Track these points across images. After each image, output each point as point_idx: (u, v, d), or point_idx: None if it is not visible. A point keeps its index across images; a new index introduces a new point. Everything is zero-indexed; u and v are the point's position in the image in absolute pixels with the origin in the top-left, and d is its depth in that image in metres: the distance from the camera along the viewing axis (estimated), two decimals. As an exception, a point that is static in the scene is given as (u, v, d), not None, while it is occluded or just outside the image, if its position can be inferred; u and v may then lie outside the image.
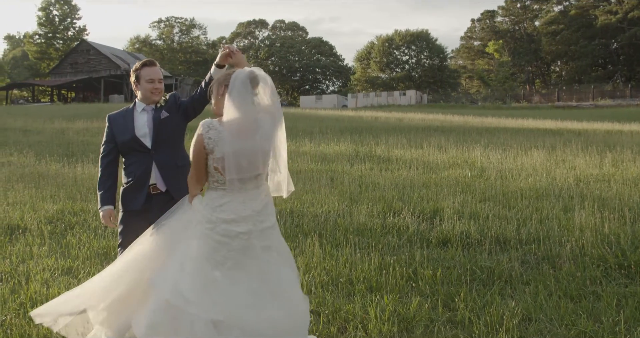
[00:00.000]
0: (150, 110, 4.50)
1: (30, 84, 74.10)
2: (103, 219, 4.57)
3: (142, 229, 4.42)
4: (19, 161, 14.19)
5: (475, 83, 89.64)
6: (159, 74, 4.50)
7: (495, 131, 21.07)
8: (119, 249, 4.57)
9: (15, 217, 8.09)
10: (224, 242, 3.67)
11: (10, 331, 4.38)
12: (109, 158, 4.60)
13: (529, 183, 9.73)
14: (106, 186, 4.57)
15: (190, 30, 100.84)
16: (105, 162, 4.60)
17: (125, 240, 4.50)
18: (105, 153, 4.61)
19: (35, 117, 29.15)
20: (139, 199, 4.43)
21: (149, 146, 4.43)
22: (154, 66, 4.51)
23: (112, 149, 4.58)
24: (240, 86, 3.64)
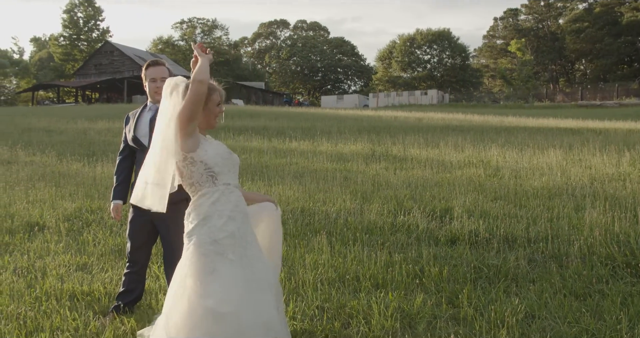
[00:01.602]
0: (155, 110, 4.63)
1: (55, 85, 75.07)
2: (112, 211, 4.83)
3: (143, 224, 4.61)
4: (41, 160, 14.45)
5: (498, 82, 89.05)
6: (161, 74, 4.64)
7: (513, 131, 20.96)
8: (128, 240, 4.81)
9: (35, 215, 8.29)
10: None
11: (24, 323, 4.52)
12: (124, 154, 4.86)
13: (542, 182, 9.70)
14: (119, 180, 4.83)
15: (212, 31, 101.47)
16: (120, 158, 4.88)
17: (129, 231, 4.77)
18: (121, 150, 4.89)
19: (59, 118, 29.58)
20: None
21: (146, 144, 4.56)
22: (158, 66, 4.66)
23: (126, 146, 4.83)
24: None
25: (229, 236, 3.62)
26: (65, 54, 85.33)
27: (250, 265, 3.65)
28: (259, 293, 3.59)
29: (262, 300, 3.58)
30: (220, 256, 3.59)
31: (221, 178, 3.71)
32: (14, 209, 8.66)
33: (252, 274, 3.63)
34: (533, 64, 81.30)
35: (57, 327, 4.47)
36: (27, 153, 15.93)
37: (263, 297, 3.60)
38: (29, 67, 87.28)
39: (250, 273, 3.62)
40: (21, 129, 23.79)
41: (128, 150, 4.84)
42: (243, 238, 3.68)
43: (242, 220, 3.72)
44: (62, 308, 4.81)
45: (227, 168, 3.73)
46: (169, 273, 4.63)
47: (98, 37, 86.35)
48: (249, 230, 3.75)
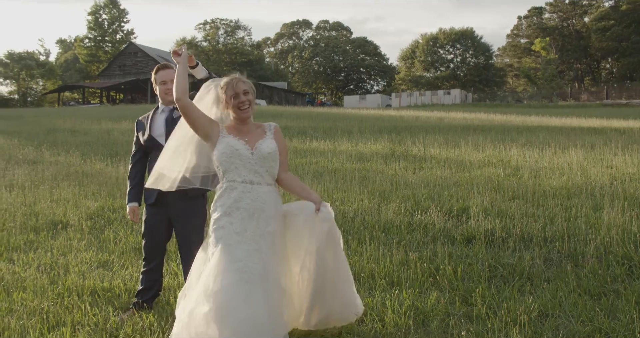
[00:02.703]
0: (168, 110, 4.79)
1: (80, 86, 76.02)
2: (128, 215, 4.96)
3: (160, 221, 4.74)
4: (66, 160, 14.69)
5: (522, 81, 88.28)
6: (171, 76, 4.76)
7: (535, 130, 20.80)
8: (143, 238, 4.94)
9: (59, 213, 8.47)
10: None
11: (47, 318, 4.66)
12: (136, 157, 4.99)
13: (561, 182, 9.66)
14: (133, 183, 4.96)
15: (235, 32, 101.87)
16: (133, 161, 5.01)
17: (146, 230, 4.89)
18: (133, 153, 5.01)
19: (84, 119, 29.98)
20: (154, 194, 4.70)
21: (163, 144, 4.66)
22: (168, 69, 4.83)
23: (138, 149, 4.97)
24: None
25: (219, 229, 3.92)
26: (90, 55, 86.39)
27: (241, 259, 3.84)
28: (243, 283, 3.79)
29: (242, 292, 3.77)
30: (214, 247, 3.90)
31: (227, 175, 3.97)
32: (39, 207, 8.85)
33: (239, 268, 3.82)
34: (557, 63, 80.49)
35: (78, 322, 4.60)
36: (52, 153, 16.20)
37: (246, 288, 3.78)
38: (55, 69, 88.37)
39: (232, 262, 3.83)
40: (47, 130, 24.16)
41: (140, 154, 4.98)
42: (239, 232, 3.89)
43: (242, 216, 3.90)
44: (83, 303, 4.95)
45: (234, 165, 3.92)
46: (186, 268, 4.74)
47: (122, 39, 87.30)
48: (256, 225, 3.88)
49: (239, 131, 4.04)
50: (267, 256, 3.90)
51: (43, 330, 4.42)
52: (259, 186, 3.95)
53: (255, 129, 4.10)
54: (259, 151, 3.96)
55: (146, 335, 4.34)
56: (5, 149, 17.42)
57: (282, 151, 4.11)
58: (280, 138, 4.14)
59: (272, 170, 4.02)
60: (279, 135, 4.15)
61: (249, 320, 3.70)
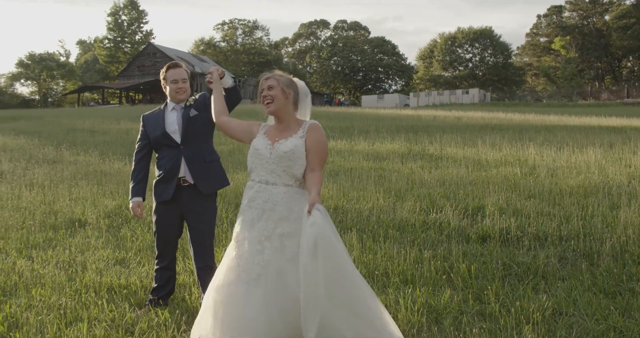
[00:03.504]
0: (180, 108, 4.85)
1: (100, 86, 76.69)
2: (132, 210, 4.93)
3: (173, 218, 4.80)
4: (85, 159, 14.85)
5: (541, 81, 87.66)
6: (182, 75, 4.85)
7: (554, 129, 20.66)
8: (155, 236, 4.98)
9: (77, 212, 8.57)
10: None
11: (65, 314, 4.74)
12: (142, 153, 5.00)
13: (579, 181, 9.60)
14: (137, 179, 4.96)
15: (253, 32, 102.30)
16: (138, 157, 5.01)
17: (158, 228, 4.93)
18: (139, 149, 5.01)
19: (103, 119, 30.26)
20: (169, 190, 4.76)
21: (178, 141, 4.75)
22: (178, 68, 4.87)
23: (145, 145, 4.97)
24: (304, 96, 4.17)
25: (236, 225, 4.05)
26: (110, 56, 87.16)
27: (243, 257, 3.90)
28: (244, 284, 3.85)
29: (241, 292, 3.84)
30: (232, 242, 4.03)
31: (251, 174, 4.05)
32: (58, 206, 8.97)
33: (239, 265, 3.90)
34: (577, 61, 79.83)
35: (95, 318, 4.67)
36: (72, 152, 16.38)
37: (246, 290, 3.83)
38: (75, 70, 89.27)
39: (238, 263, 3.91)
40: (66, 130, 24.43)
41: (146, 150, 4.99)
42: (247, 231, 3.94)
43: (252, 216, 3.93)
44: (100, 300, 5.02)
45: (254, 165, 3.99)
46: (198, 263, 4.80)
47: (141, 39, 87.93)
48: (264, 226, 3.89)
49: (275, 129, 4.05)
50: (272, 259, 3.81)
51: (61, 326, 4.49)
52: (274, 186, 3.90)
53: (293, 128, 4.01)
54: (277, 150, 3.91)
55: (161, 331, 4.39)
56: (25, 149, 17.66)
57: (312, 150, 3.92)
58: (314, 136, 3.95)
59: (290, 170, 3.89)
60: (312, 133, 3.95)
61: (243, 319, 3.73)
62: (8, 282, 5.56)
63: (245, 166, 4.50)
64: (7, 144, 19.17)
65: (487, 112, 34.48)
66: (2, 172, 12.65)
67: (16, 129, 25.70)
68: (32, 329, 4.43)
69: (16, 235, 7.33)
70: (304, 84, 4.20)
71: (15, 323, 4.59)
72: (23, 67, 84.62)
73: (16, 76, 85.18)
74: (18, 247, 6.83)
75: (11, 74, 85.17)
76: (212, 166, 4.85)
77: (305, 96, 4.16)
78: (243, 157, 14.28)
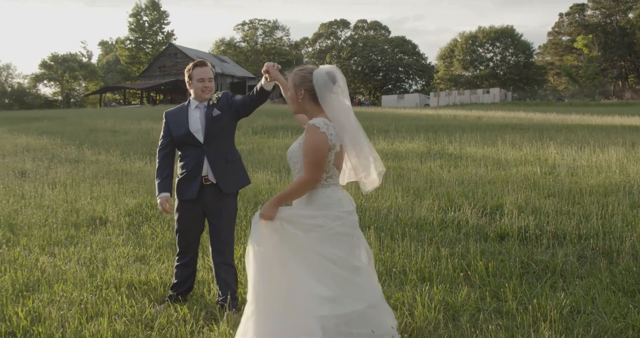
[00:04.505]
0: (203, 107, 4.85)
1: (121, 87, 77.37)
2: (160, 205, 4.93)
3: (196, 216, 4.84)
4: (106, 159, 15.02)
5: (563, 80, 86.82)
6: (209, 74, 4.84)
7: (575, 128, 20.49)
8: (177, 234, 5.02)
9: (99, 210, 8.69)
10: (352, 234, 3.78)
11: (86, 309, 4.83)
12: (166, 150, 5.00)
13: (599, 180, 9.53)
14: (163, 175, 4.96)
15: (273, 32, 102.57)
16: (162, 154, 5.01)
17: (181, 226, 4.95)
18: (163, 146, 5.01)
19: (124, 119, 30.55)
20: (192, 189, 4.78)
21: (201, 141, 4.77)
22: (204, 67, 4.86)
23: (168, 142, 4.98)
24: (324, 87, 3.74)
25: None
26: (131, 57, 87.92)
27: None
28: None
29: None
30: None
31: None
32: (80, 204, 9.09)
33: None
34: (600, 60, 78.98)
35: (115, 313, 4.75)
36: (93, 152, 16.57)
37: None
38: (97, 70, 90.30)
39: None
40: (88, 130, 24.71)
41: (171, 147, 4.99)
42: None
43: None
44: (121, 295, 5.10)
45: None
46: (217, 260, 4.84)
47: (162, 40, 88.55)
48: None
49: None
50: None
51: (82, 320, 4.57)
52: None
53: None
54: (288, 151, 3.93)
55: (180, 326, 4.45)
56: (48, 149, 17.90)
57: (304, 151, 3.70)
58: (306, 138, 3.70)
59: (295, 172, 3.84)
60: (306, 134, 3.72)
61: None
62: (31, 278, 5.67)
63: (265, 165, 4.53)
64: (30, 144, 19.44)
65: (508, 112, 34.26)
66: (26, 171, 12.84)
67: (39, 129, 26.07)
68: (54, 323, 4.52)
69: (39, 232, 7.45)
70: (325, 71, 3.80)
71: (38, 317, 4.69)
72: (46, 68, 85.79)
73: (39, 77, 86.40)
74: (41, 244, 6.95)
75: (34, 75, 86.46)
76: (234, 165, 4.88)
77: (325, 85, 3.74)
78: (263, 156, 14.37)
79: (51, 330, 4.41)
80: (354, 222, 3.81)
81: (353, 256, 3.74)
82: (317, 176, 3.69)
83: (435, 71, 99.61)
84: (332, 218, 3.66)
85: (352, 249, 3.75)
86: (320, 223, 3.65)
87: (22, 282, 5.54)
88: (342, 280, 3.65)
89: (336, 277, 3.63)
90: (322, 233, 3.65)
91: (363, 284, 3.74)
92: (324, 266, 3.63)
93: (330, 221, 3.66)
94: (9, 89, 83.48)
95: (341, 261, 3.66)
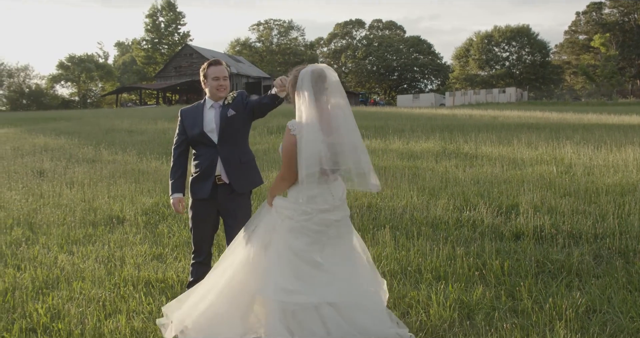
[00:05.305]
0: (218, 107, 4.88)
1: (137, 87, 77.80)
2: (173, 206, 4.98)
3: (209, 215, 4.87)
4: (123, 159, 15.13)
5: (580, 79, 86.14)
6: (223, 73, 4.87)
7: (591, 128, 20.36)
8: (191, 232, 5.05)
9: (116, 209, 8.77)
10: (322, 231, 3.97)
11: (104, 306, 4.90)
12: (180, 149, 5.03)
13: (616, 180, 9.48)
14: (177, 175, 5.00)
15: (288, 32, 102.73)
16: (177, 153, 5.03)
17: (195, 224, 4.98)
18: (177, 145, 5.04)
19: (140, 119, 30.74)
20: (206, 188, 4.81)
21: (215, 141, 4.80)
22: (219, 65, 4.89)
23: (183, 141, 5.00)
24: (308, 85, 3.90)
25: None
26: (147, 57, 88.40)
27: None
28: None
29: None
30: None
31: None
32: (97, 203, 9.19)
33: None
34: (618, 59, 78.28)
35: (133, 310, 4.81)
36: (110, 152, 16.70)
37: None
38: (113, 71, 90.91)
39: None
40: (105, 130, 24.89)
41: (185, 146, 5.02)
42: None
43: None
44: (138, 293, 5.17)
45: None
46: None
47: (178, 41, 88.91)
48: None
49: None
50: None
51: (100, 317, 4.64)
52: None
53: None
54: None
55: (197, 323, 4.49)
56: (66, 149, 18.06)
57: (281, 150, 4.10)
58: (284, 137, 4.05)
59: None
60: (285, 133, 4.04)
61: None
62: (50, 275, 5.76)
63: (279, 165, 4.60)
64: (48, 144, 19.63)
65: (524, 111, 34.07)
66: (44, 171, 12.98)
67: (57, 129, 26.29)
68: (73, 320, 4.59)
69: (57, 231, 7.55)
70: (311, 69, 3.98)
71: (58, 314, 4.76)
72: (63, 69, 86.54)
73: (57, 77, 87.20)
74: (59, 242, 7.04)
75: (52, 76, 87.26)
76: (247, 165, 4.90)
77: (301, 85, 3.94)
78: (278, 156, 14.39)
79: (70, 327, 4.48)
80: (325, 220, 3.97)
81: (315, 252, 3.95)
82: (288, 174, 4.01)
83: (451, 71, 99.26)
84: (300, 212, 3.95)
85: (315, 244, 3.96)
86: (289, 214, 4.00)
87: (42, 280, 5.63)
88: (300, 272, 3.92)
89: (295, 267, 3.93)
90: (290, 224, 3.97)
91: (320, 280, 3.92)
92: (287, 254, 3.95)
93: (297, 215, 3.96)
94: (27, 90, 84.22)
95: (302, 253, 3.93)
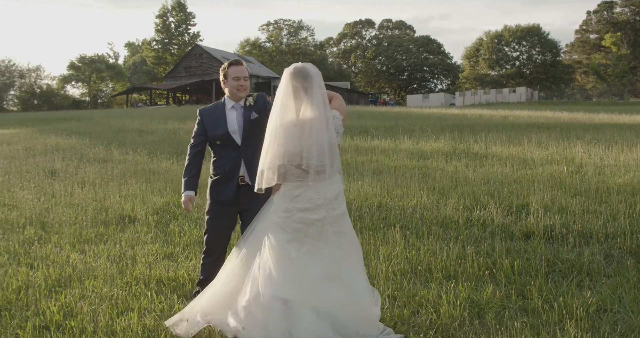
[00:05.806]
0: (239, 108, 4.89)
1: (147, 88, 77.97)
2: (184, 203, 4.97)
3: (229, 220, 4.86)
4: (134, 159, 15.20)
5: (591, 78, 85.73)
6: (244, 73, 4.88)
7: (602, 127, 20.27)
8: (205, 236, 5.05)
9: (127, 208, 8.82)
10: (300, 229, 4.05)
11: (116, 304, 4.94)
12: (198, 148, 5.01)
13: (627, 179, 9.44)
14: (191, 173, 5.00)
15: (298, 32, 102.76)
16: (193, 152, 5.01)
17: (211, 228, 4.99)
18: (195, 143, 5.01)
19: (151, 119, 30.86)
20: (229, 191, 4.83)
21: (239, 143, 4.82)
22: (240, 66, 4.90)
23: (202, 141, 4.99)
24: (289, 85, 4.10)
25: None
26: (157, 57, 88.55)
27: None
28: None
29: None
30: None
31: None
32: (108, 203, 9.25)
33: None
34: (629, 58, 77.87)
35: (145, 308, 4.85)
36: (121, 152, 16.77)
37: None
38: (124, 71, 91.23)
39: None
40: (116, 130, 25.00)
41: (202, 145, 5.01)
42: None
43: None
44: (150, 291, 5.20)
45: None
46: None
47: (188, 41, 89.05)
48: None
49: None
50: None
51: (112, 315, 4.68)
52: None
53: None
54: None
55: (208, 321, 4.53)
56: (77, 149, 18.16)
57: None
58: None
59: None
60: None
61: None
62: (63, 274, 5.80)
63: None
64: (59, 144, 19.75)
65: (534, 111, 33.95)
66: (56, 170, 13.06)
67: (68, 129, 26.43)
68: (85, 318, 4.63)
69: (69, 230, 7.60)
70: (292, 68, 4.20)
71: (70, 312, 4.81)
72: (74, 69, 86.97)
73: (67, 78, 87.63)
74: (71, 241, 7.09)
75: (63, 76, 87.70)
76: None
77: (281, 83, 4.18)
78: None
79: (83, 325, 4.52)
80: (305, 219, 4.04)
81: (291, 248, 4.06)
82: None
83: (461, 70, 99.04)
84: (282, 209, 4.09)
85: (294, 241, 4.07)
86: (273, 208, 4.17)
87: (54, 278, 5.68)
88: (272, 265, 4.05)
89: (271, 261, 4.07)
90: (274, 219, 4.14)
91: (292, 276, 4.02)
92: (267, 246, 4.12)
93: (280, 211, 4.10)
94: (38, 90, 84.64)
95: (277, 247, 4.07)
